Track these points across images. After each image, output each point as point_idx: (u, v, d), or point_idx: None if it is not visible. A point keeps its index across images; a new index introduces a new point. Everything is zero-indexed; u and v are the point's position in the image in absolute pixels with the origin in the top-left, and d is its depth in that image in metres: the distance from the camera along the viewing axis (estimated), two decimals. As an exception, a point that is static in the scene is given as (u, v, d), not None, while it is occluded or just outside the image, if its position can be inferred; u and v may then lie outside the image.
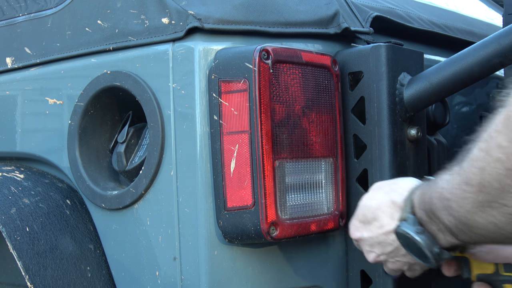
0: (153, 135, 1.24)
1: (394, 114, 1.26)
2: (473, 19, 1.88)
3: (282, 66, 1.19)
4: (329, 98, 1.27)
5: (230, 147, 1.17)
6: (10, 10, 1.57)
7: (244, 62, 1.16)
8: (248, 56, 1.15)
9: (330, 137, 1.26)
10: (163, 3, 1.25)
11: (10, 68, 1.54)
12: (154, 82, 1.25)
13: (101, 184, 1.35)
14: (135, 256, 1.29)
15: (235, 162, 1.16)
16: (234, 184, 1.17)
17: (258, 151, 1.14)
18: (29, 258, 1.27)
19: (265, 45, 1.17)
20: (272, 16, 1.28)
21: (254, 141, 1.15)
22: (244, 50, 1.18)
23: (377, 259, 1.15)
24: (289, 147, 1.19)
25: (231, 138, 1.17)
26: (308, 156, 1.23)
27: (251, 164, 1.15)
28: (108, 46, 1.33)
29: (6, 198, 1.35)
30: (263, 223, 1.14)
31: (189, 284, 1.21)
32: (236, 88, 1.16)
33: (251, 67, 1.14)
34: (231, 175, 1.17)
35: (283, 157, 1.18)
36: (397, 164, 1.27)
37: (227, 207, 1.18)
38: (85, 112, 1.35)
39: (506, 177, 0.85)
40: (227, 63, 1.18)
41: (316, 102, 1.24)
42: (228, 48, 1.21)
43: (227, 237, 1.19)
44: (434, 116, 1.40)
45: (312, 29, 1.32)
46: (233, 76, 1.17)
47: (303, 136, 1.21)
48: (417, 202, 1.06)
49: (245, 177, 1.16)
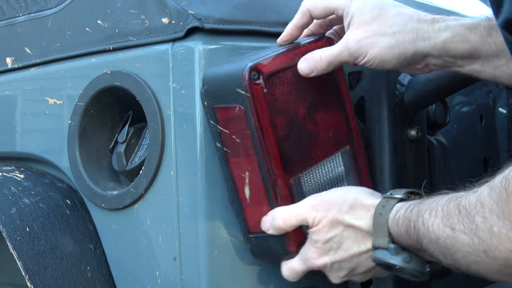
0: (153, 135, 1.24)
1: (394, 114, 1.26)
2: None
3: (276, 76, 1.10)
4: (333, 86, 1.19)
5: (240, 174, 1.11)
6: (10, 10, 1.57)
7: (235, 88, 1.07)
8: (237, 81, 1.06)
9: (342, 127, 1.19)
10: (163, 3, 1.25)
11: (10, 68, 1.54)
12: (154, 82, 1.25)
13: (101, 184, 1.35)
14: (135, 256, 1.29)
15: (249, 189, 1.11)
16: (253, 210, 1.13)
17: (270, 177, 1.08)
18: (29, 258, 1.27)
19: (255, 61, 1.07)
20: (272, 16, 1.28)
21: (263, 167, 1.08)
22: (231, 71, 1.09)
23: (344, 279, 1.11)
24: (300, 159, 1.13)
25: (239, 165, 1.11)
26: (323, 158, 1.16)
27: (266, 189, 1.09)
28: (108, 46, 1.33)
29: (6, 198, 1.35)
30: (291, 246, 1.12)
31: (189, 284, 1.21)
32: (232, 115, 1.09)
33: (243, 93, 1.06)
34: (248, 201, 1.12)
35: (296, 171, 1.12)
36: (397, 164, 1.27)
37: (251, 232, 1.14)
38: (85, 112, 1.35)
39: None
40: (217, 88, 1.11)
41: (320, 97, 1.16)
42: (214, 70, 1.14)
43: (257, 258, 1.18)
44: (434, 116, 1.40)
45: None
46: (227, 102, 1.09)
47: (313, 140, 1.15)
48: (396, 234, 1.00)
49: (263, 203, 1.11)
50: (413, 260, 1.00)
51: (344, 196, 1.09)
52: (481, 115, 1.66)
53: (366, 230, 1.04)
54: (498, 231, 0.84)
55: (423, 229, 0.95)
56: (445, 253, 0.93)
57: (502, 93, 1.68)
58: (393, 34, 1.09)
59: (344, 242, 1.06)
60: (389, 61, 1.10)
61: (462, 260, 0.91)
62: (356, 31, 1.10)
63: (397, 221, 1.00)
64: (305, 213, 1.09)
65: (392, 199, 1.04)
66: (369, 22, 1.09)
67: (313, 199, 1.10)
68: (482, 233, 0.86)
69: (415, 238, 0.97)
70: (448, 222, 0.91)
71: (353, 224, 1.05)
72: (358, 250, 1.06)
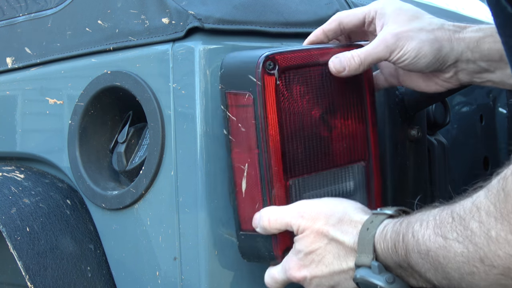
0: (153, 135, 1.24)
1: (394, 114, 1.27)
2: (473, 19, 1.88)
3: (294, 72, 1.06)
4: (355, 93, 1.13)
5: (240, 166, 1.08)
6: (10, 10, 1.57)
7: (248, 74, 1.04)
8: (251, 67, 1.04)
9: (359, 139, 1.13)
10: (163, 3, 1.25)
11: (10, 68, 1.54)
12: (154, 82, 1.25)
13: (101, 184, 1.35)
14: (135, 256, 1.29)
15: (246, 183, 1.07)
16: (246, 206, 1.09)
17: (267, 173, 1.04)
18: (29, 258, 1.27)
19: (273, 51, 1.04)
20: (272, 16, 1.28)
21: (262, 161, 1.04)
22: (248, 58, 1.07)
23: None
24: (305, 162, 1.08)
25: (240, 156, 1.08)
26: (331, 167, 1.11)
27: (261, 186, 1.05)
28: (108, 46, 1.33)
29: (6, 198, 1.35)
30: (276, 250, 1.09)
31: (189, 284, 1.21)
32: (241, 103, 1.06)
33: (255, 80, 1.03)
34: (243, 195, 1.08)
35: (298, 174, 1.07)
36: (397, 164, 1.27)
37: (241, 229, 1.11)
38: (86, 112, 1.35)
39: None
40: (232, 73, 1.08)
41: (339, 103, 1.11)
42: (234, 55, 1.11)
43: (244, 257, 1.15)
44: (434, 116, 1.40)
45: (313, 29, 1.32)
46: (239, 89, 1.06)
47: (323, 146, 1.10)
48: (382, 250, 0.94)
49: (256, 200, 1.07)
50: (397, 282, 0.93)
51: (334, 208, 1.03)
52: (481, 115, 1.66)
53: (350, 246, 0.98)
54: (496, 234, 0.78)
55: (412, 241, 0.89)
56: (436, 267, 0.86)
57: (502, 93, 1.68)
58: (432, 31, 1.07)
59: (326, 256, 1.00)
60: (425, 56, 1.07)
61: (455, 273, 0.84)
62: (393, 26, 1.08)
63: (384, 235, 0.94)
64: (290, 218, 1.04)
65: (381, 214, 0.98)
66: (407, 20, 1.08)
67: (301, 205, 1.05)
68: (478, 239, 0.80)
69: (403, 253, 0.91)
70: (440, 231, 0.85)
71: (337, 238, 0.99)
72: (339, 267, 1.00)
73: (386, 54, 1.08)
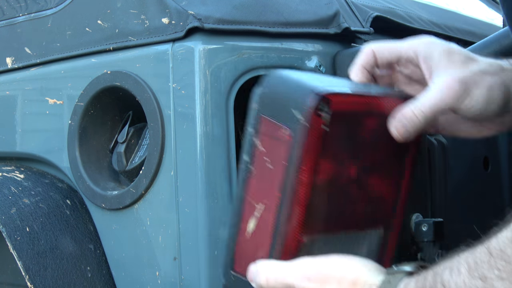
0: (153, 135, 1.24)
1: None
2: (473, 19, 1.88)
3: (344, 119, 0.88)
4: (397, 159, 0.96)
5: (252, 202, 0.91)
6: (10, 10, 1.57)
7: (293, 107, 0.85)
8: (299, 101, 0.84)
9: (384, 206, 0.97)
10: (163, 3, 1.25)
11: (10, 68, 1.54)
12: (154, 82, 1.25)
13: (101, 184, 1.35)
14: (135, 256, 1.29)
15: (255, 224, 0.90)
16: (248, 247, 0.91)
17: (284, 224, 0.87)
18: (29, 258, 1.27)
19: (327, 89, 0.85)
20: (272, 16, 1.28)
21: (282, 209, 0.87)
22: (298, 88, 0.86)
23: None
24: (326, 220, 0.91)
25: (257, 192, 0.90)
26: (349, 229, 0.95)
27: (273, 235, 0.88)
28: (108, 46, 1.33)
29: (6, 198, 1.35)
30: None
31: (189, 284, 1.21)
32: (276, 135, 0.87)
33: (300, 118, 0.85)
34: (247, 235, 0.91)
35: (315, 231, 0.91)
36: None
37: (234, 268, 0.93)
38: (85, 112, 1.35)
39: None
40: (275, 97, 0.88)
41: (380, 161, 0.94)
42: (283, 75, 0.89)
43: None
44: (434, 116, 1.39)
45: (312, 29, 1.32)
46: (277, 119, 0.87)
47: (348, 206, 0.94)
48: None
49: (263, 247, 0.90)
50: None
51: (345, 269, 0.87)
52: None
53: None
54: None
55: None
56: None
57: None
58: (495, 73, 0.93)
59: None
60: (494, 102, 0.92)
61: None
62: (451, 71, 0.91)
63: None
64: (294, 280, 0.87)
65: (399, 273, 0.83)
66: (463, 63, 0.92)
67: (306, 265, 0.88)
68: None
69: None
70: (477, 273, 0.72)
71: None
72: None
73: (455, 104, 0.91)
